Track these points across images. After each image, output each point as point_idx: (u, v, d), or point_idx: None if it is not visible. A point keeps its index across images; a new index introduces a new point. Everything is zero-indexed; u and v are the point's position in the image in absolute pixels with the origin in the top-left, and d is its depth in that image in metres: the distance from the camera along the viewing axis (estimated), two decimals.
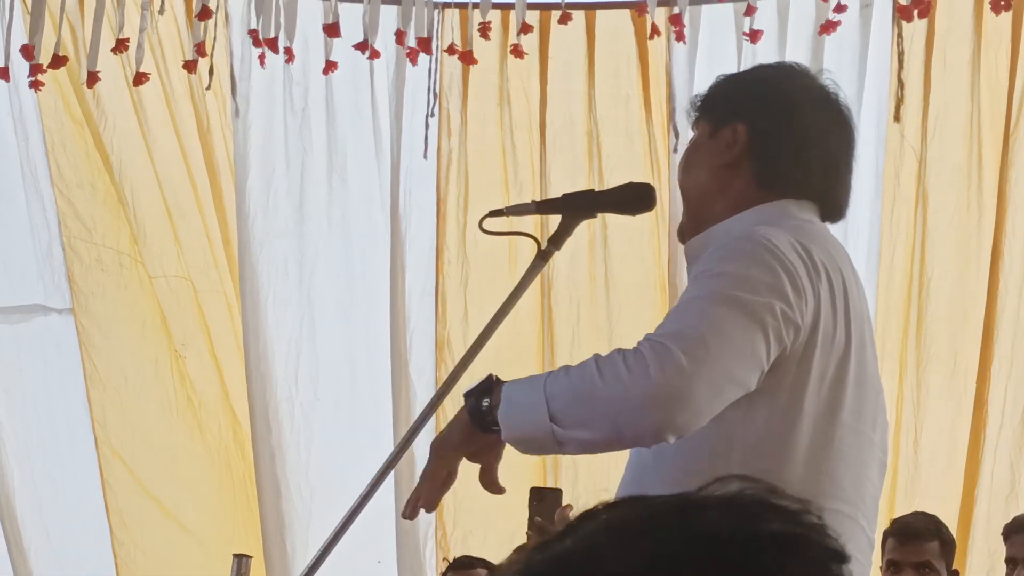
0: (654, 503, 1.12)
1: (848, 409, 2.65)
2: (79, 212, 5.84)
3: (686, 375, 2.48)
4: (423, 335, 5.70)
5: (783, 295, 2.56)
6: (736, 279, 2.57)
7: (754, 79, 2.95)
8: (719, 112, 2.86)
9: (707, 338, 2.51)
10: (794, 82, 2.90)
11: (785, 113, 2.83)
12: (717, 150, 2.83)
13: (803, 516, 1.10)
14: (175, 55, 5.83)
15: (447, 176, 5.73)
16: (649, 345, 2.52)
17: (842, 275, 2.67)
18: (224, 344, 5.87)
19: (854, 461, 2.68)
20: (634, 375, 2.50)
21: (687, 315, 2.56)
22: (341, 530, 3.16)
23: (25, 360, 5.91)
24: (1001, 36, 5.51)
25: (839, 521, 2.64)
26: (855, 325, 2.66)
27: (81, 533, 5.85)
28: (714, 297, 2.56)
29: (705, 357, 2.49)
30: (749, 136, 2.81)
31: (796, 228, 2.70)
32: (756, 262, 2.59)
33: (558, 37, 5.67)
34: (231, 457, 5.83)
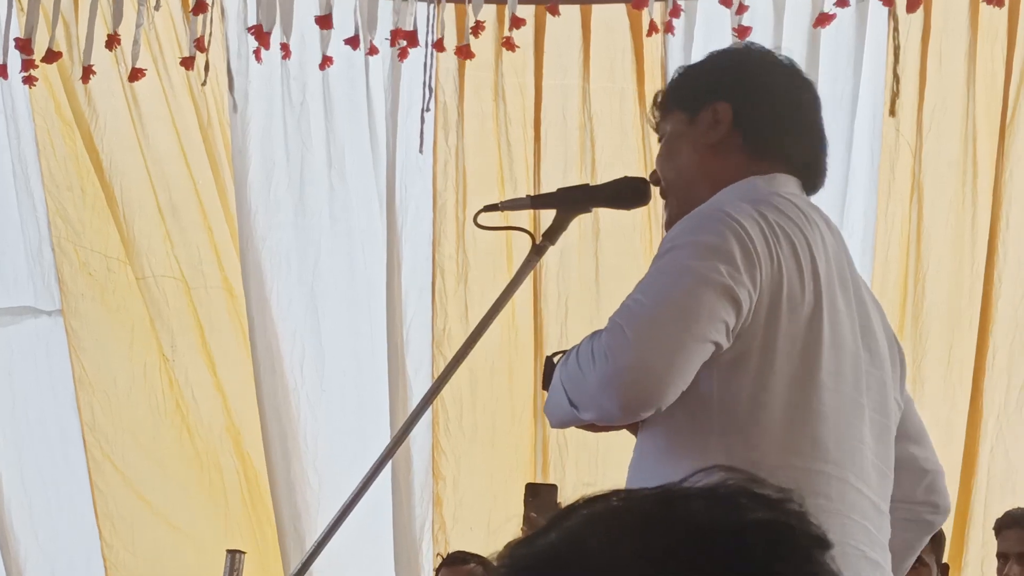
0: (638, 495, 1.12)
1: (826, 371, 2.67)
2: (68, 215, 5.84)
3: (633, 348, 2.53)
4: (420, 329, 5.71)
5: (729, 257, 2.59)
6: (683, 249, 2.61)
7: (719, 61, 2.99)
8: (692, 98, 2.88)
9: (652, 308, 2.55)
10: (757, 56, 2.96)
11: (762, 84, 2.87)
12: (701, 132, 2.85)
13: (785, 504, 1.11)
14: (172, 50, 5.83)
15: (444, 171, 5.74)
16: (607, 327, 2.58)
17: (807, 240, 2.69)
18: (223, 340, 5.86)
19: (838, 422, 2.69)
20: (596, 359, 2.57)
21: (636, 291, 2.62)
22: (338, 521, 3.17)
23: (15, 362, 5.90)
24: (997, 30, 5.52)
25: (825, 482, 2.66)
26: (826, 289, 2.69)
27: (71, 535, 5.84)
28: (661, 270, 2.61)
29: (651, 326, 2.54)
30: (734, 111, 2.83)
31: (758, 200, 2.73)
32: (705, 230, 2.63)
33: (553, 32, 5.67)
34: (223, 455, 5.83)
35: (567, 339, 5.71)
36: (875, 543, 2.73)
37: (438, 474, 5.65)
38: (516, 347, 5.71)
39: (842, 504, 2.67)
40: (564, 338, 5.71)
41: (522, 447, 5.70)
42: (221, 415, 5.85)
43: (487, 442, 5.69)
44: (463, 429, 5.68)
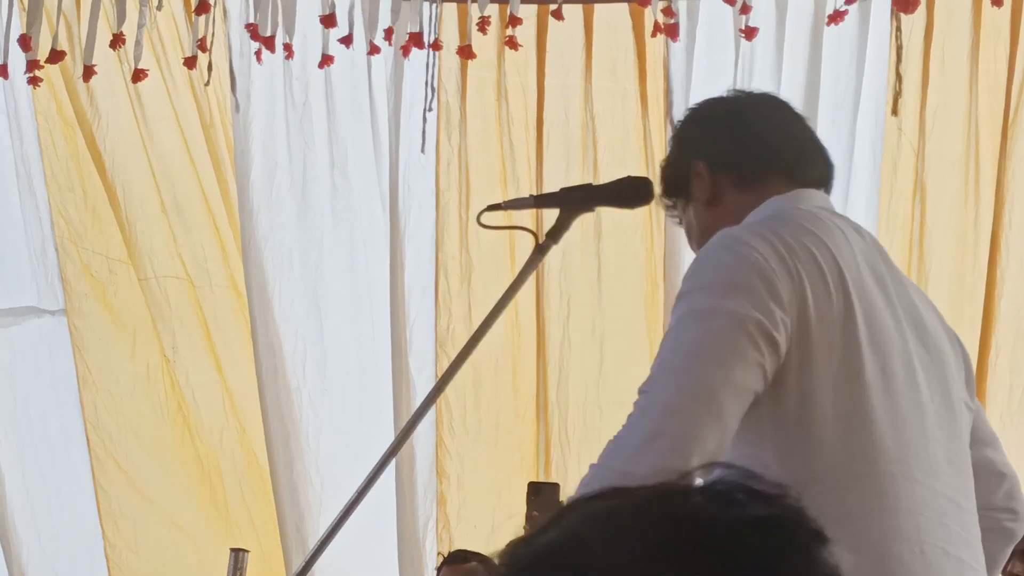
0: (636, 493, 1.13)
1: (870, 372, 2.66)
2: (70, 216, 5.84)
3: (677, 413, 2.51)
4: (423, 328, 5.71)
5: (749, 289, 2.60)
6: (700, 292, 2.62)
7: (678, 135, 3.05)
8: (679, 182, 2.95)
9: (683, 364, 2.55)
10: (707, 105, 3.02)
11: (719, 125, 2.95)
12: (697, 199, 2.92)
13: (782, 500, 1.11)
14: (174, 50, 5.83)
15: (447, 171, 5.74)
16: (638, 404, 2.56)
17: (827, 246, 2.70)
18: (227, 338, 5.87)
19: (894, 422, 2.67)
20: (628, 427, 2.53)
21: (662, 351, 2.61)
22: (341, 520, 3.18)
23: (18, 362, 5.90)
24: (1000, 30, 5.52)
25: (891, 482, 2.63)
26: (856, 292, 2.68)
27: (73, 535, 5.83)
28: (683, 320, 2.61)
29: (684, 384, 2.53)
30: (708, 162, 2.88)
31: (772, 217, 2.75)
32: (716, 265, 2.64)
33: (555, 31, 5.68)
34: (226, 455, 5.83)
35: (569, 338, 5.72)
36: (956, 539, 2.69)
37: (442, 472, 5.66)
38: (519, 346, 5.71)
39: (912, 503, 2.64)
40: (566, 337, 5.72)
41: (525, 446, 5.71)
42: (225, 414, 5.85)
43: (491, 441, 5.70)
44: (467, 428, 5.69)
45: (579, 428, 5.70)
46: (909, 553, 2.61)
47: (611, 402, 5.69)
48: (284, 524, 5.70)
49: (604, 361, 5.70)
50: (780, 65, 5.52)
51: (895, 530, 2.62)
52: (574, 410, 5.71)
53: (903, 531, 2.60)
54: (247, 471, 5.83)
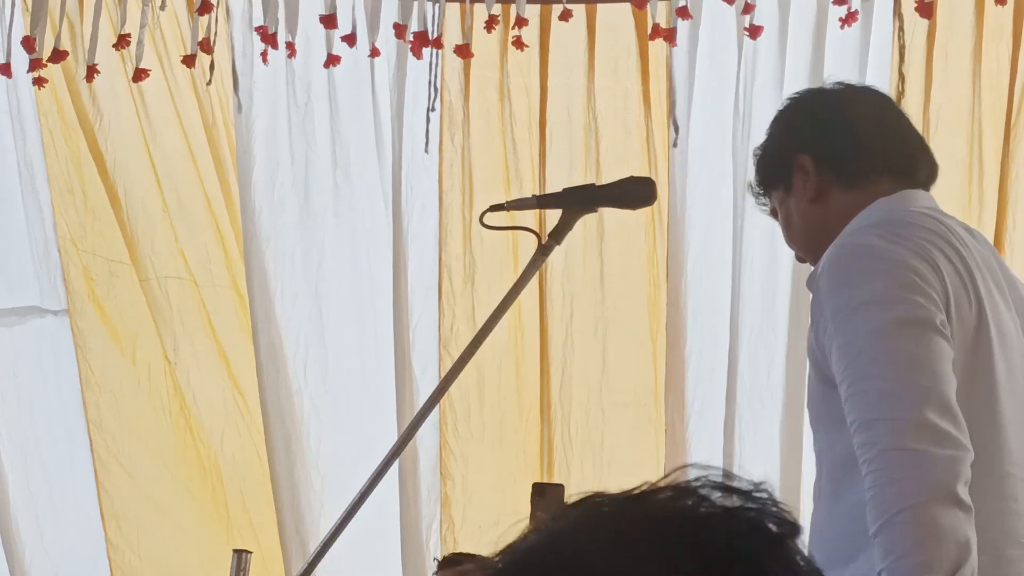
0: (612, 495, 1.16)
1: (1000, 373, 2.68)
2: (72, 217, 5.83)
3: (923, 428, 2.51)
4: (426, 329, 5.70)
5: (917, 287, 2.60)
6: (872, 307, 2.61)
7: (781, 123, 3.01)
8: (778, 172, 2.93)
9: (909, 380, 2.54)
10: (814, 96, 2.96)
11: (828, 119, 2.89)
12: (799, 194, 2.88)
13: (754, 494, 1.13)
14: (177, 50, 5.82)
15: (450, 171, 5.73)
16: (866, 433, 2.52)
17: (954, 248, 2.70)
18: (230, 339, 5.86)
19: (1016, 423, 2.68)
20: (900, 472, 2.51)
21: (869, 370, 2.57)
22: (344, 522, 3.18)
23: (21, 362, 5.88)
24: (1003, 29, 5.51)
25: (1013, 484, 2.64)
26: (984, 294, 2.67)
27: (76, 537, 5.82)
28: (875, 332, 2.59)
29: (922, 404, 2.52)
30: (815, 157, 2.84)
31: (892, 221, 2.73)
32: (870, 275, 2.64)
33: (558, 31, 5.67)
34: (228, 456, 5.82)
35: (572, 339, 5.71)
36: None
37: (446, 474, 5.65)
38: (522, 347, 5.70)
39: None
40: (569, 338, 5.71)
41: (529, 447, 5.70)
42: (227, 416, 5.84)
43: (495, 441, 5.69)
44: (471, 429, 5.68)
45: (582, 429, 5.69)
46: (1022, 560, 2.64)
47: (614, 403, 5.68)
48: (284, 526, 5.69)
49: (607, 362, 5.69)
50: (783, 65, 5.51)
51: (1010, 534, 2.64)
52: (577, 411, 5.70)
53: (1016, 535, 2.62)
54: (248, 473, 5.82)
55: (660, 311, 5.66)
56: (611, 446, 5.67)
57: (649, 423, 5.66)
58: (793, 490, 5.31)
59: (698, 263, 5.61)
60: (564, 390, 5.70)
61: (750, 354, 5.50)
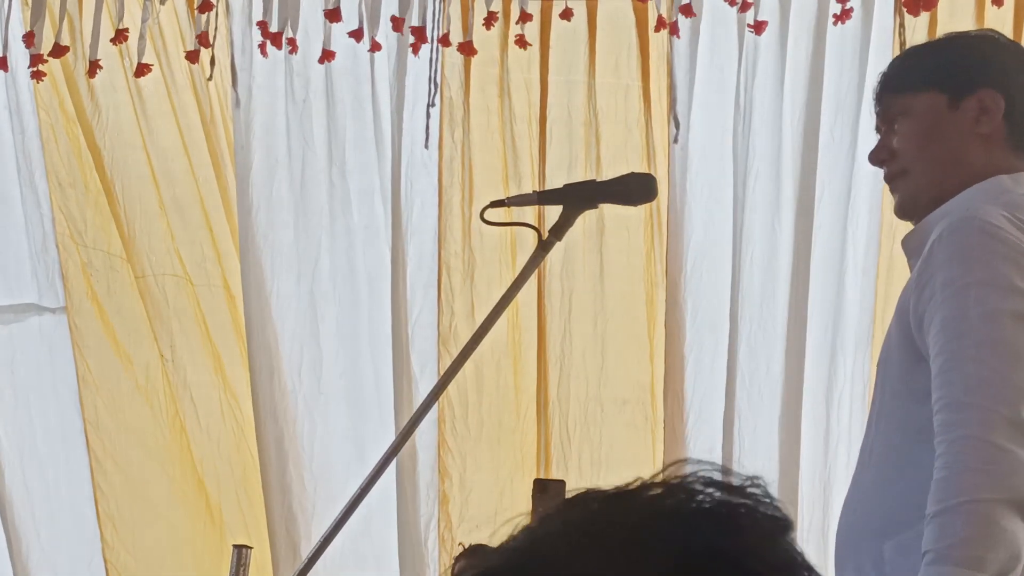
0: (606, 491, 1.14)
1: None
2: (71, 212, 5.82)
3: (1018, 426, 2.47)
4: (425, 327, 5.69)
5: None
6: (985, 289, 2.54)
7: (977, 47, 2.88)
8: (954, 80, 2.80)
9: (1009, 376, 2.50)
10: (1013, 47, 2.89)
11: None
12: (969, 119, 2.78)
13: (747, 489, 1.12)
14: (176, 46, 5.81)
15: (449, 167, 5.72)
16: (951, 414, 2.48)
17: None
18: (224, 338, 5.84)
19: None
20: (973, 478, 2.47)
21: (973, 353, 2.52)
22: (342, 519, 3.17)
23: (19, 360, 5.86)
24: (1002, 28, 5.49)
25: None
26: None
27: (73, 536, 5.79)
28: (985, 316, 2.53)
29: (1017, 402, 2.49)
30: (1008, 104, 2.77)
31: (1011, 204, 2.65)
32: (998, 256, 2.56)
33: (559, 28, 5.66)
34: (224, 456, 5.80)
35: (570, 336, 5.69)
36: None
37: (444, 472, 5.64)
38: (520, 344, 5.69)
39: None
40: (567, 336, 5.70)
41: (527, 444, 5.69)
42: (223, 416, 5.82)
43: (493, 439, 5.68)
44: (469, 426, 5.67)
45: (580, 426, 5.68)
46: None
47: (612, 400, 5.68)
48: (273, 527, 5.66)
49: (605, 359, 5.68)
50: (784, 61, 5.50)
51: None
52: (575, 408, 5.70)
53: None
54: (243, 475, 5.80)
55: (658, 309, 5.65)
56: (609, 443, 5.66)
57: (647, 420, 5.65)
58: (791, 485, 5.31)
59: (698, 259, 5.60)
60: (562, 387, 5.69)
61: (750, 350, 5.50)
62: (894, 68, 2.92)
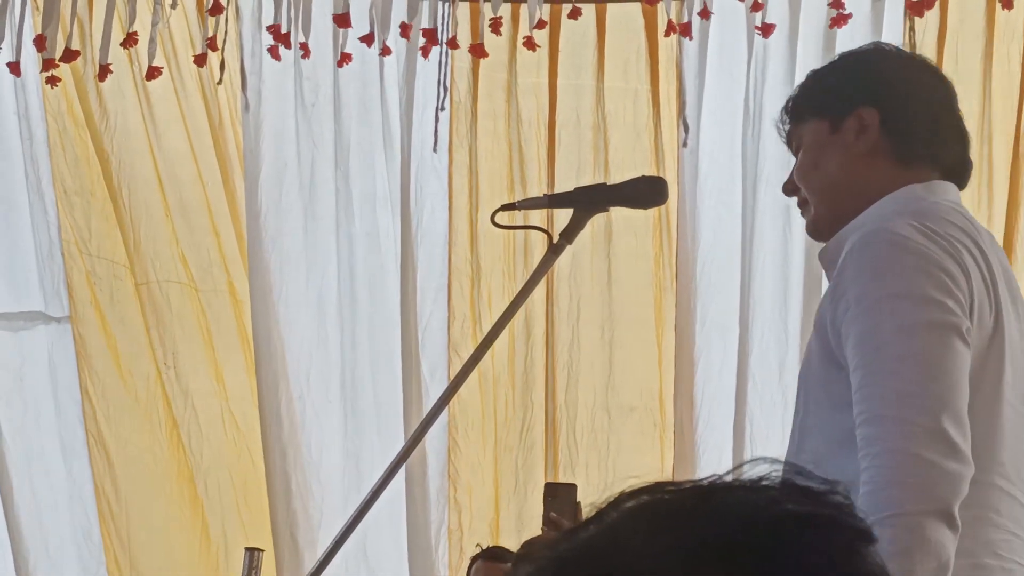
0: (680, 487, 1.11)
1: (1008, 384, 2.63)
2: (77, 220, 5.80)
3: (935, 436, 2.46)
4: (435, 331, 5.67)
5: (949, 290, 2.54)
6: (900, 301, 2.54)
7: (857, 65, 2.90)
8: (834, 105, 2.81)
9: (929, 386, 2.49)
10: (894, 57, 2.89)
11: (906, 87, 2.80)
12: (848, 141, 2.79)
13: (829, 496, 1.09)
14: (185, 51, 5.80)
15: (458, 171, 5.71)
16: (870, 429, 2.47)
17: (979, 248, 2.63)
18: (227, 344, 5.82)
19: (1013, 437, 2.65)
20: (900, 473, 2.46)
21: (893, 365, 2.51)
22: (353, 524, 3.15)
23: (27, 368, 5.85)
24: (1014, 31, 5.50)
25: (997, 496, 2.60)
26: (1003, 300, 2.63)
27: (78, 546, 5.78)
28: (902, 328, 2.53)
29: (939, 413, 2.48)
30: (881, 117, 2.77)
31: (922, 212, 2.65)
32: (910, 267, 2.56)
33: (568, 31, 5.65)
34: (225, 466, 5.78)
35: (578, 341, 5.68)
36: None
37: (455, 477, 5.62)
38: (529, 349, 5.68)
39: (1011, 521, 2.63)
40: (576, 341, 5.68)
41: (535, 449, 5.68)
42: (224, 424, 5.80)
43: (502, 444, 5.67)
44: (478, 432, 5.65)
45: (587, 432, 5.67)
46: (1000, 570, 2.61)
47: (619, 406, 5.66)
48: (278, 534, 5.64)
49: (613, 365, 5.67)
50: (793, 65, 5.49)
51: (989, 544, 2.61)
52: (583, 414, 5.68)
53: (996, 545, 2.59)
54: (244, 483, 5.78)
55: (666, 314, 5.64)
56: (616, 449, 5.65)
57: (655, 426, 5.64)
58: None
59: (708, 263, 5.59)
60: (570, 393, 5.68)
61: (761, 355, 5.48)
62: (790, 98, 2.95)
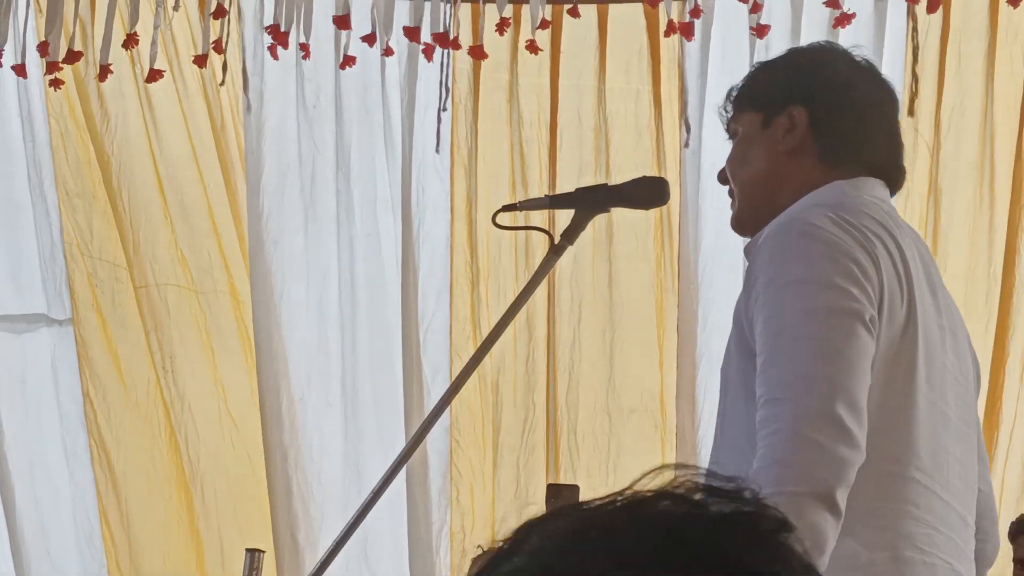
0: (596, 505, 1.11)
1: (921, 378, 2.63)
2: (79, 222, 5.79)
3: (828, 419, 2.47)
4: (438, 333, 5.66)
5: (855, 278, 2.55)
6: (805, 287, 2.55)
7: (798, 62, 2.93)
8: (768, 100, 2.83)
9: (824, 370, 2.49)
10: (838, 60, 2.90)
11: (841, 90, 2.81)
12: (776, 138, 2.81)
13: (743, 493, 1.11)
14: (187, 52, 5.78)
15: (461, 172, 5.70)
16: (774, 431, 2.47)
17: (896, 242, 2.65)
18: (226, 346, 5.81)
19: (930, 431, 2.65)
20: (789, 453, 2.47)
21: (790, 350, 2.52)
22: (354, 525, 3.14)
23: (30, 370, 5.84)
24: (1017, 30, 5.49)
25: (916, 490, 2.61)
26: (918, 294, 2.64)
27: (80, 549, 5.78)
28: (803, 313, 2.54)
29: (832, 397, 2.48)
30: (810, 117, 2.78)
31: (841, 205, 2.67)
32: (810, 257, 2.58)
33: (569, 32, 5.64)
34: (222, 468, 5.76)
35: (580, 344, 5.67)
36: (962, 556, 2.69)
37: (456, 479, 5.61)
38: (531, 350, 5.67)
39: (930, 515, 2.63)
40: (577, 343, 5.68)
41: (537, 451, 5.67)
42: (221, 427, 5.78)
43: (504, 446, 5.66)
44: (480, 433, 5.64)
45: (589, 434, 5.66)
46: (922, 564, 2.61)
47: (621, 408, 5.66)
48: (279, 536, 5.63)
49: (614, 367, 5.66)
50: None
51: (910, 537, 2.62)
52: (584, 415, 5.67)
53: (916, 539, 2.61)
54: (242, 486, 5.76)
55: (668, 316, 5.63)
56: (617, 451, 5.65)
57: (656, 428, 5.63)
58: None
59: (709, 264, 5.58)
60: (571, 395, 5.67)
61: None
62: (733, 87, 2.97)
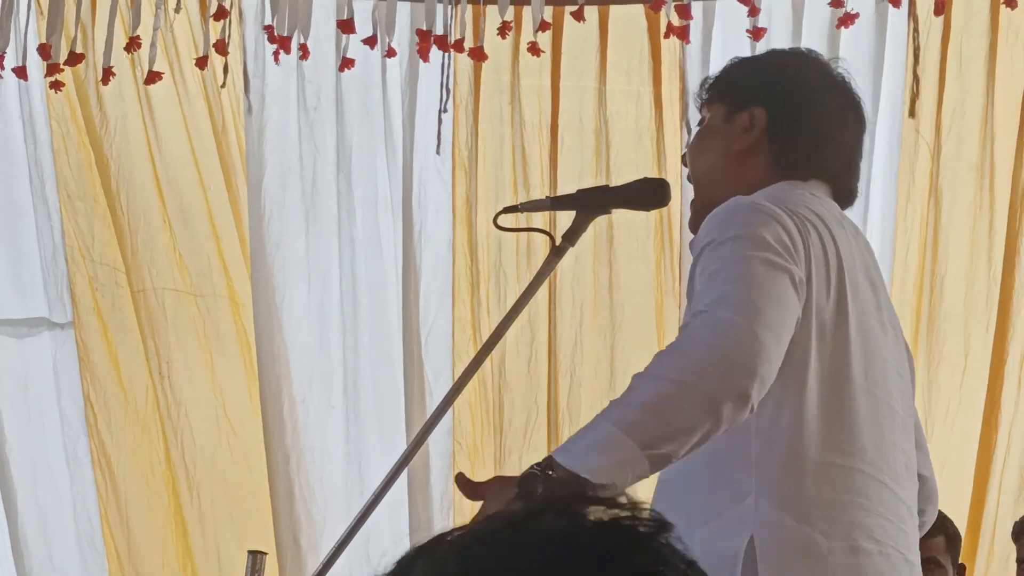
0: (475, 530, 1.14)
1: (856, 368, 2.67)
2: (80, 225, 5.79)
3: (746, 329, 2.49)
4: (440, 335, 5.65)
5: (787, 247, 2.60)
6: (741, 242, 2.61)
7: (771, 64, 2.97)
8: (735, 96, 2.89)
9: (750, 294, 2.52)
10: (812, 69, 2.93)
11: (805, 99, 2.86)
12: (733, 134, 2.85)
13: (619, 499, 1.13)
14: (188, 55, 5.78)
15: (461, 174, 5.69)
16: (699, 320, 2.50)
17: (832, 236, 2.68)
18: (225, 350, 5.80)
19: (873, 423, 2.69)
20: (697, 351, 2.48)
21: (721, 283, 2.56)
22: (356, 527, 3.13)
23: (31, 374, 5.83)
24: (1018, 32, 5.49)
25: (864, 482, 2.64)
26: (851, 288, 2.67)
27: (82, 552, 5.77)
28: (737, 259, 2.58)
29: (755, 310, 2.50)
30: (769, 121, 2.82)
31: (785, 199, 2.73)
32: (748, 221, 2.63)
33: (570, 34, 5.64)
34: (219, 474, 5.75)
35: (581, 346, 5.67)
36: (911, 546, 2.73)
37: None
38: (532, 353, 5.66)
39: (881, 506, 2.66)
40: (579, 345, 5.67)
41: (539, 454, 5.66)
42: (219, 431, 5.77)
43: (506, 448, 5.65)
44: (482, 435, 5.64)
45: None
46: (878, 554, 2.65)
47: None
48: (281, 539, 5.62)
49: (615, 370, 5.66)
50: None
51: (862, 527, 2.66)
52: (586, 418, 5.64)
53: (871, 530, 2.64)
54: (240, 492, 5.76)
55: (668, 318, 5.63)
56: None
57: None
58: None
59: None
60: (573, 397, 5.66)
61: None
62: (709, 76, 3.03)
